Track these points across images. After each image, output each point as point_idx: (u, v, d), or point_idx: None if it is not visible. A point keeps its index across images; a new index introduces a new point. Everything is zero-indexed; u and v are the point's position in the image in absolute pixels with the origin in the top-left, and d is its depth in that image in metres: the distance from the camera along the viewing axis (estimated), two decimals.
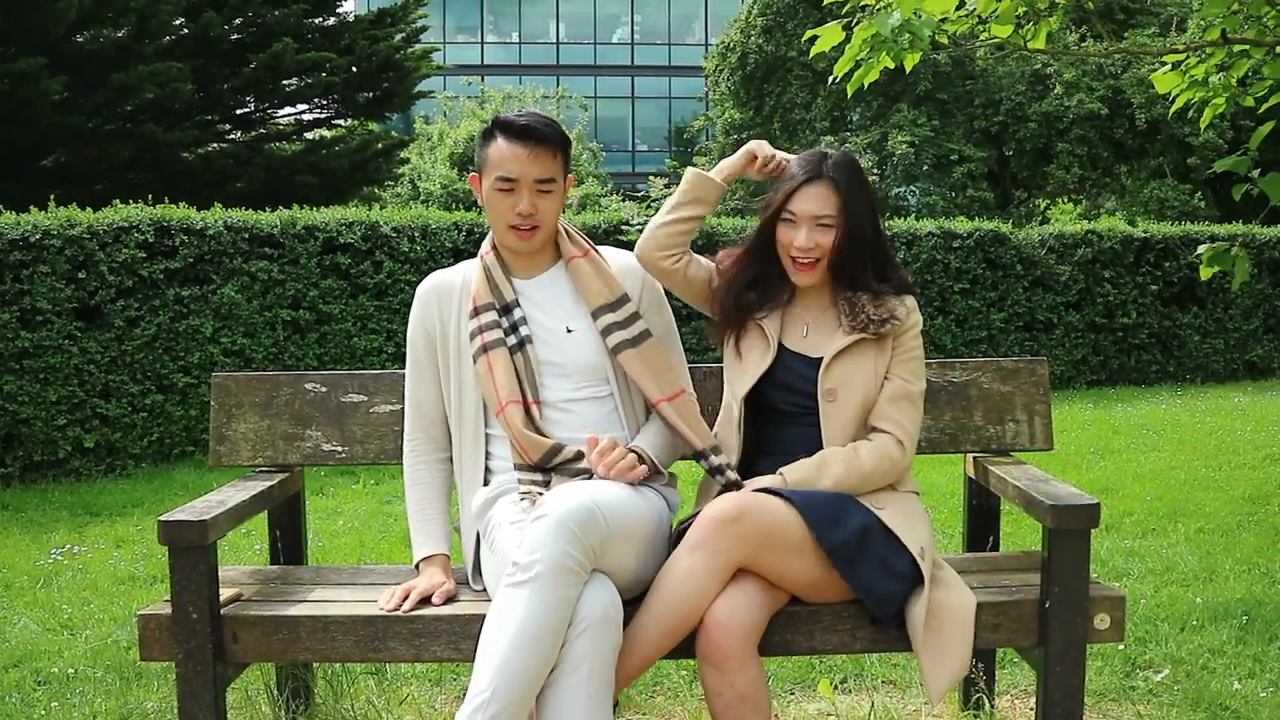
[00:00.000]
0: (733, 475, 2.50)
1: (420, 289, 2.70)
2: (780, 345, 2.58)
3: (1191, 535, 5.04)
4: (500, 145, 2.53)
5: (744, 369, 2.58)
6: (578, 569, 2.12)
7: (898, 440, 2.49)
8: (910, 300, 2.59)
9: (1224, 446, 7.24)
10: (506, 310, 2.59)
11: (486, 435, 2.62)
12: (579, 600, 2.13)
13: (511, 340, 2.56)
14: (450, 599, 2.46)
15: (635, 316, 2.59)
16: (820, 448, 2.49)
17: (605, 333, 2.57)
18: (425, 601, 2.44)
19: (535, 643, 2.07)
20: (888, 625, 2.36)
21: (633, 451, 2.47)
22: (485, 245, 2.69)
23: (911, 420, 2.52)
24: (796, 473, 2.43)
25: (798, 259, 2.53)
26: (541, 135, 2.52)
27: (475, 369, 2.56)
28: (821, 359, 2.52)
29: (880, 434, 2.50)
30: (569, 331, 2.59)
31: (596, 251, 2.67)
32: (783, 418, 2.56)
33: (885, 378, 2.53)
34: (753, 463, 2.59)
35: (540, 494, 2.38)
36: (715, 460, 2.53)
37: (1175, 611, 3.91)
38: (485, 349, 2.54)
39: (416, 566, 2.60)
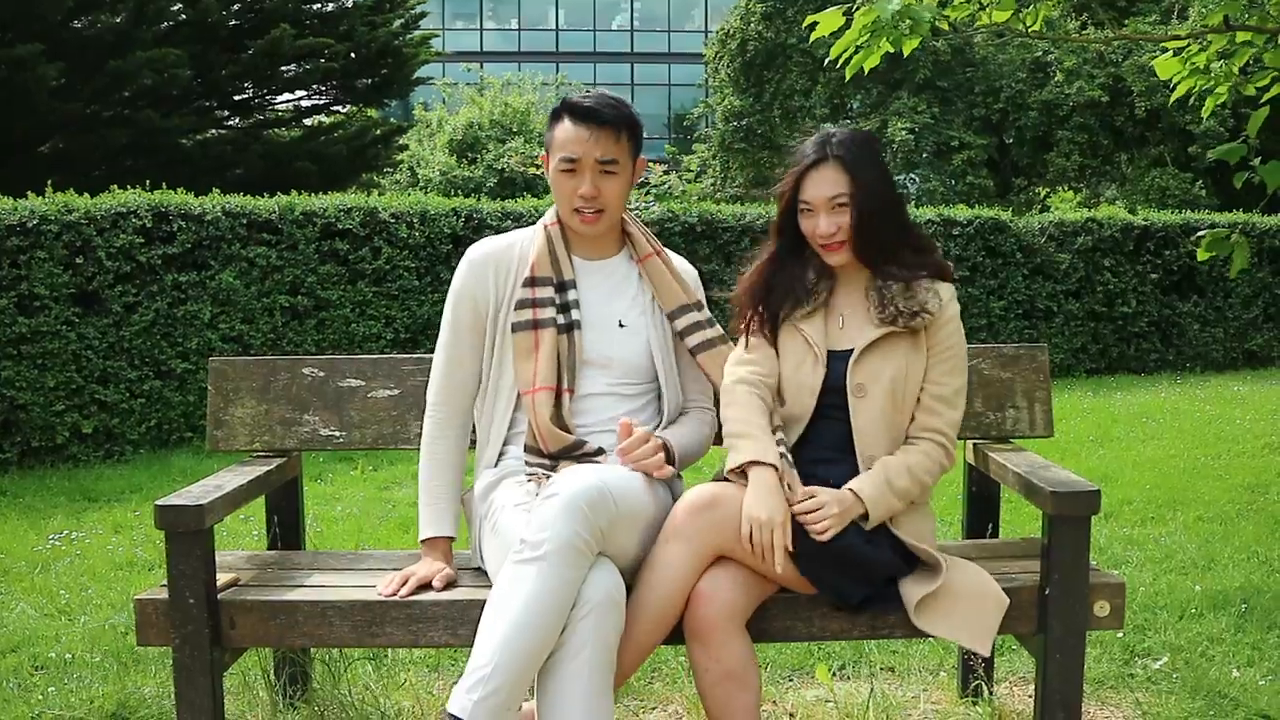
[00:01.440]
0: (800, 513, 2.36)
1: (472, 255, 2.61)
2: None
3: (1190, 523, 5.03)
4: (565, 126, 2.51)
5: (796, 380, 2.47)
6: (586, 549, 2.11)
7: (943, 447, 2.44)
8: (946, 288, 2.50)
9: (1223, 435, 7.24)
10: (562, 288, 2.55)
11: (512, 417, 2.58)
12: (584, 583, 2.12)
13: (561, 320, 2.52)
14: (450, 584, 2.45)
15: (713, 321, 2.63)
16: (850, 442, 2.43)
17: (687, 331, 2.57)
18: (425, 587, 2.43)
19: (539, 620, 2.06)
20: (853, 615, 2.36)
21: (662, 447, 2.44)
22: (549, 215, 2.64)
23: (951, 423, 2.46)
24: (869, 489, 2.33)
25: (824, 244, 2.47)
26: (603, 116, 2.49)
27: (515, 339, 2.51)
28: (852, 351, 2.46)
29: (924, 440, 2.44)
30: (621, 325, 2.57)
31: (665, 252, 2.67)
32: (817, 414, 2.49)
33: (924, 380, 2.45)
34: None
35: (546, 476, 2.37)
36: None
37: (1174, 599, 3.90)
38: (536, 325, 2.50)
39: (422, 543, 2.58)
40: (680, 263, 2.72)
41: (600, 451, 2.46)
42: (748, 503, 2.25)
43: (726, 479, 2.40)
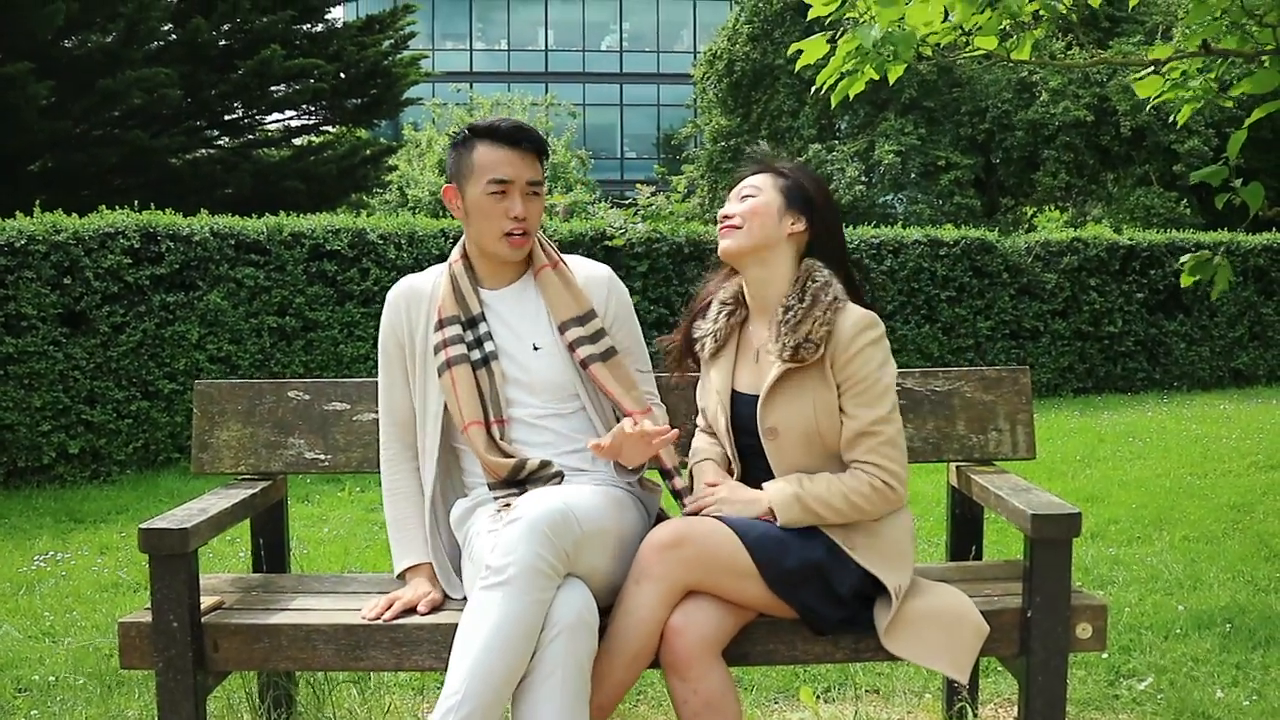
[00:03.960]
0: (691, 504, 2.48)
1: (391, 294, 2.67)
2: (732, 391, 2.52)
3: (1176, 543, 5.05)
4: (489, 150, 2.51)
5: (716, 424, 2.55)
6: (550, 572, 2.12)
7: (874, 477, 2.33)
8: (853, 320, 2.37)
9: (1209, 454, 7.27)
10: (472, 324, 2.56)
11: (455, 449, 2.62)
12: (552, 605, 2.13)
13: (476, 355, 2.53)
14: (436, 608, 2.46)
15: (601, 333, 2.58)
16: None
17: (573, 347, 2.55)
18: (410, 611, 2.43)
19: (508, 645, 2.06)
20: (829, 636, 2.37)
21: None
22: (455, 253, 2.66)
23: (882, 454, 2.33)
24: (776, 484, 2.37)
25: (721, 227, 2.50)
26: (532, 138, 2.53)
27: (440, 383, 2.54)
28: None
29: (855, 471, 2.36)
30: (535, 349, 2.57)
31: (564, 262, 2.66)
32: (744, 451, 2.52)
33: (840, 410, 2.37)
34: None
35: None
36: (678, 483, 2.55)
37: (1159, 620, 3.92)
38: (449, 364, 2.52)
39: (400, 576, 2.59)
40: (584, 267, 2.69)
41: (548, 464, 2.46)
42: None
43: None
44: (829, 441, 2.40)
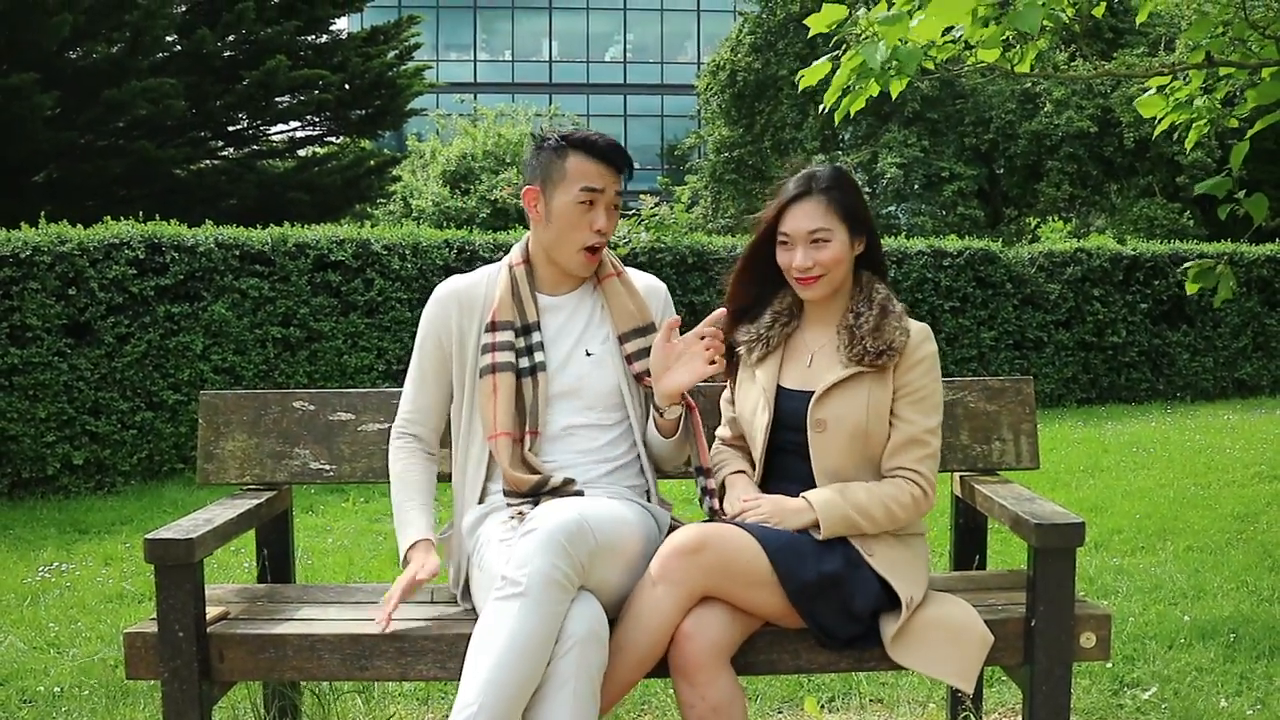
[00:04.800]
0: (715, 503, 2.52)
1: (440, 292, 2.63)
2: (778, 388, 2.54)
3: (1180, 553, 5.05)
4: (583, 160, 2.49)
5: (751, 424, 2.55)
6: (566, 583, 2.12)
7: (914, 484, 2.41)
8: (917, 328, 2.48)
9: (1213, 464, 7.26)
10: (525, 331, 2.55)
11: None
12: (566, 617, 2.13)
13: (523, 364, 2.52)
14: (436, 575, 2.44)
15: None
16: (814, 478, 2.46)
17: (631, 359, 2.56)
18: (417, 621, 2.42)
19: (523, 656, 2.06)
20: (838, 652, 2.37)
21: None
22: (515, 254, 2.63)
23: (921, 460, 2.43)
24: (819, 493, 2.39)
25: (799, 278, 2.49)
26: (624, 158, 2.55)
27: (480, 384, 2.53)
28: (814, 390, 2.47)
29: (895, 476, 2.43)
30: (588, 355, 2.57)
31: (625, 272, 2.67)
32: (780, 450, 2.54)
33: (892, 415, 2.44)
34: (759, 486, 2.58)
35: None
36: (708, 483, 2.54)
37: (1163, 629, 3.91)
38: (494, 369, 2.51)
39: (404, 561, 2.53)
40: (644, 281, 2.71)
41: (570, 482, 2.46)
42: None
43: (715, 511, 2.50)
44: (873, 444, 2.44)
